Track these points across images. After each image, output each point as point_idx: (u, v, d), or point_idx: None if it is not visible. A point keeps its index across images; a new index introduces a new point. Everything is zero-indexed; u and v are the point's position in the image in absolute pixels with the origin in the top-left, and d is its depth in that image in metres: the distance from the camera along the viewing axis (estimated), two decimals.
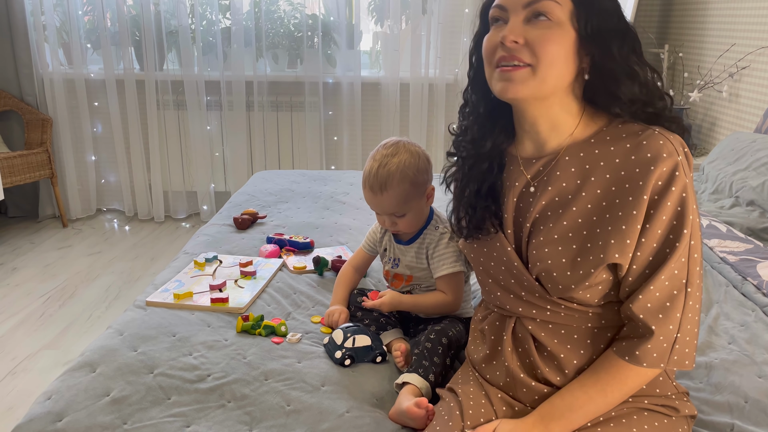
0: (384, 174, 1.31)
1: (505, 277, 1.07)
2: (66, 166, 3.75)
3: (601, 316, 1.00)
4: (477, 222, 1.08)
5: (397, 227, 1.38)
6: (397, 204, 1.33)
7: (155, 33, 3.56)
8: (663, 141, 0.92)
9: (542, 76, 0.93)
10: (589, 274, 0.95)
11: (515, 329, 1.07)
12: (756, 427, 1.10)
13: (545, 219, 1.00)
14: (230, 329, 1.39)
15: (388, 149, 1.34)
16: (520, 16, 0.93)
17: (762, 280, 1.55)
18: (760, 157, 2.20)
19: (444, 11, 3.55)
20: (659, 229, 0.92)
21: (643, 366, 0.93)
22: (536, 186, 1.03)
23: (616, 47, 0.93)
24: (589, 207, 0.97)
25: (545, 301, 1.02)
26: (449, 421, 1.04)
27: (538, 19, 0.92)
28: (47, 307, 2.71)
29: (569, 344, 1.01)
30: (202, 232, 2.04)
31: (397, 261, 1.45)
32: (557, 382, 1.01)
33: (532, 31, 0.92)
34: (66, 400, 1.13)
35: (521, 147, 1.06)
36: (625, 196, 0.93)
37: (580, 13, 0.93)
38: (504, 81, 0.94)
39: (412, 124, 3.70)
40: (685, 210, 0.91)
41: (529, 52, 0.92)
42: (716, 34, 3.03)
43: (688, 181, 0.91)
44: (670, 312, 0.92)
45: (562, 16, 0.92)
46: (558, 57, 0.92)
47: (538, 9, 0.92)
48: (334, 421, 1.10)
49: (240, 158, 3.78)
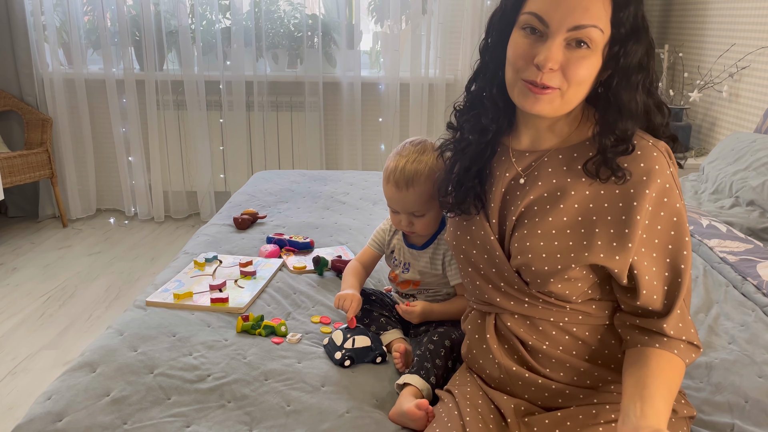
0: (411, 170, 1.29)
1: (485, 266, 1.07)
2: (66, 166, 3.75)
3: (578, 312, 1.01)
4: (460, 198, 1.09)
5: (414, 228, 1.35)
6: (420, 203, 1.31)
7: (155, 33, 3.56)
8: (656, 153, 0.94)
9: (568, 99, 0.94)
10: (568, 269, 0.96)
11: (497, 326, 1.08)
12: (756, 427, 1.10)
13: (532, 213, 1.01)
14: (230, 329, 1.39)
15: (416, 146, 1.33)
16: (561, 36, 0.91)
17: (762, 280, 1.55)
18: (760, 157, 2.20)
19: (444, 11, 3.55)
20: (659, 239, 0.95)
21: (671, 336, 0.94)
22: (526, 179, 1.03)
23: (637, 81, 0.94)
24: (576, 207, 0.98)
25: (523, 294, 1.03)
26: (448, 423, 1.04)
27: (580, 45, 0.91)
28: (47, 307, 2.71)
29: (547, 340, 1.03)
30: (202, 232, 2.04)
31: (407, 265, 1.43)
32: (548, 374, 1.03)
33: (570, 56, 0.91)
34: (66, 400, 1.13)
35: (517, 139, 1.07)
36: (615, 201, 0.95)
37: (615, 44, 0.92)
38: (528, 97, 0.95)
39: (412, 124, 3.70)
40: (680, 220, 0.94)
41: (561, 77, 0.92)
42: (716, 34, 3.03)
43: (679, 192, 0.95)
44: (684, 319, 0.97)
45: (600, 43, 0.92)
46: (587, 81, 0.94)
47: (582, 36, 0.90)
48: (334, 421, 1.10)
49: (240, 158, 3.78)
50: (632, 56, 0.93)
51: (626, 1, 0.91)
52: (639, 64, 0.94)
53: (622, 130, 0.94)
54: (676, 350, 0.94)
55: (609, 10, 0.91)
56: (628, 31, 0.92)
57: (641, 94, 0.95)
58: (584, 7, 0.89)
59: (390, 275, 1.49)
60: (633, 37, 0.92)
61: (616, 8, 0.91)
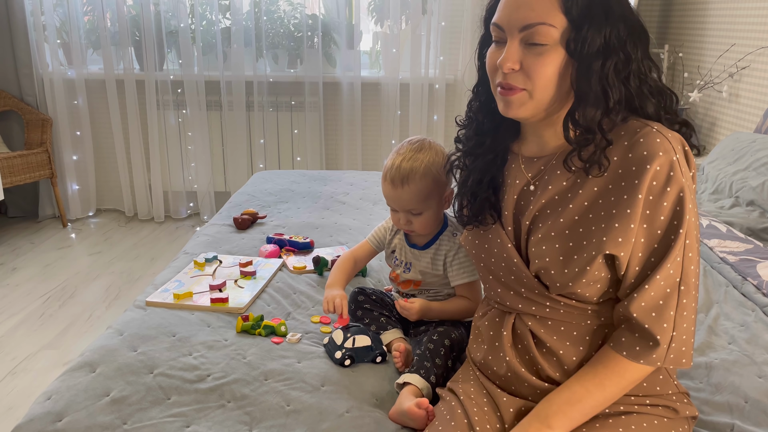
0: (407, 168, 1.30)
1: (505, 273, 1.07)
2: (66, 166, 3.75)
3: (600, 313, 1.01)
4: (476, 210, 1.10)
5: (412, 227, 1.36)
6: (417, 200, 1.31)
7: (155, 33, 3.56)
8: (660, 139, 0.92)
9: (538, 99, 0.95)
10: (584, 270, 0.96)
11: (515, 325, 1.08)
12: (756, 427, 1.10)
13: (544, 217, 1.01)
14: (230, 329, 1.39)
15: (413, 145, 1.34)
16: (516, 38, 0.93)
17: (762, 280, 1.55)
18: (760, 157, 2.20)
19: (444, 11, 3.55)
20: (658, 229, 0.92)
21: (640, 363, 0.94)
22: (536, 185, 1.04)
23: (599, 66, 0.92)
24: (586, 204, 0.97)
25: (545, 297, 1.03)
26: (451, 421, 1.04)
27: (533, 43, 0.92)
28: (47, 307, 2.71)
29: (568, 341, 1.02)
30: (202, 232, 2.04)
31: (408, 265, 1.43)
32: (557, 378, 1.02)
33: (528, 56, 0.93)
34: (66, 400, 1.13)
35: (525, 146, 1.08)
36: (621, 193, 0.94)
37: (571, 34, 0.91)
38: (504, 102, 0.97)
39: (412, 124, 3.70)
40: (682, 210, 0.91)
41: (524, 78, 0.94)
42: (716, 34, 3.03)
43: (685, 180, 0.91)
44: (663, 311, 0.93)
45: (556, 36, 0.92)
46: (552, 80, 0.93)
47: (532, 34, 0.92)
48: (333, 421, 1.10)
49: (240, 158, 3.78)
50: (589, 43, 0.91)
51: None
52: (603, 49, 0.91)
53: (585, 120, 0.93)
54: (624, 351, 0.94)
55: (556, 3, 0.91)
56: (580, 18, 0.91)
57: (607, 80, 0.92)
58: (529, 6, 0.91)
59: (391, 275, 1.49)
60: (587, 23, 0.91)
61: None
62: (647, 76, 0.96)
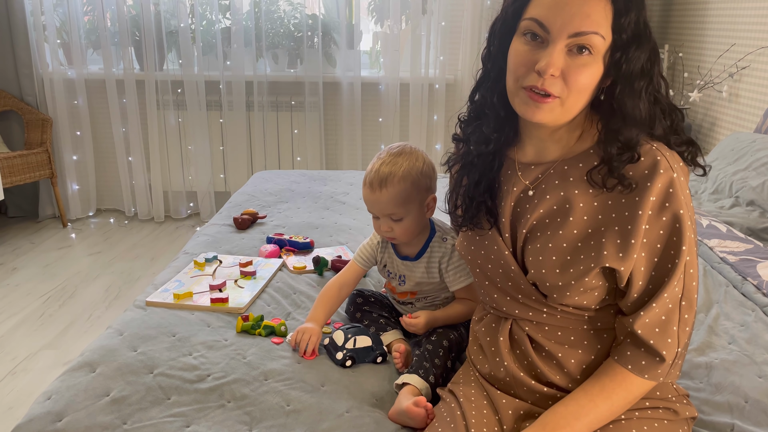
0: (385, 172, 1.29)
1: (502, 280, 1.07)
2: (66, 166, 3.75)
3: (597, 318, 1.01)
4: (472, 213, 1.08)
5: (394, 234, 1.33)
6: (395, 204, 1.29)
7: (155, 33, 3.56)
8: (660, 157, 0.92)
9: (569, 107, 0.93)
10: (581, 281, 0.96)
11: (512, 330, 1.08)
12: (756, 427, 1.10)
13: (543, 227, 1.01)
14: (230, 329, 1.39)
15: (393, 150, 1.33)
16: (562, 42, 0.89)
17: (762, 280, 1.55)
18: (760, 157, 2.20)
19: (444, 11, 3.55)
20: (658, 243, 0.93)
21: (644, 378, 0.95)
22: (534, 191, 1.03)
23: (641, 87, 0.92)
24: (585, 218, 0.97)
25: (541, 304, 1.02)
26: (451, 423, 1.04)
27: (581, 52, 0.89)
28: (47, 307, 2.71)
29: (566, 344, 1.02)
30: (202, 232, 2.04)
31: (403, 278, 1.41)
32: (558, 381, 1.02)
33: (571, 63, 0.90)
34: (66, 400, 1.13)
35: (522, 151, 1.06)
36: (622, 209, 0.94)
37: (617, 51, 0.91)
38: (529, 106, 0.93)
39: (412, 124, 3.70)
40: (682, 226, 0.92)
41: (561, 84, 0.90)
42: (716, 34, 3.03)
43: (684, 198, 0.92)
44: (666, 326, 0.93)
45: (603, 49, 0.90)
46: (588, 91, 0.92)
47: (583, 42, 0.89)
48: (333, 421, 1.10)
49: (240, 158, 3.78)
50: (634, 62, 0.91)
51: (627, 7, 0.90)
52: (641, 70, 0.92)
53: (626, 138, 0.93)
54: (630, 366, 0.95)
55: (610, 16, 0.89)
56: (629, 37, 0.90)
57: (645, 101, 0.93)
58: (585, 13, 0.88)
59: (386, 285, 1.48)
60: (635, 43, 0.90)
61: (617, 14, 0.89)
62: (660, 95, 0.96)
